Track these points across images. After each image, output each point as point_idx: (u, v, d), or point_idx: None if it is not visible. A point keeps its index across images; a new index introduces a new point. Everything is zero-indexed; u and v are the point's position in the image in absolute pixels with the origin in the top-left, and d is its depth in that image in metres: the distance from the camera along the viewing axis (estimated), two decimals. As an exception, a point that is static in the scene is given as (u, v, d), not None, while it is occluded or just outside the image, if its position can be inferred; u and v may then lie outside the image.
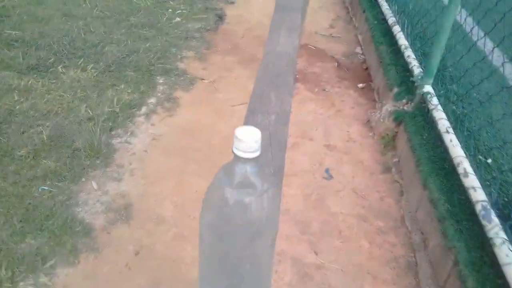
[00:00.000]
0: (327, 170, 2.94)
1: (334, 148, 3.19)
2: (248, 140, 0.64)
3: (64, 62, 3.49)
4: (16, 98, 2.99)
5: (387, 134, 3.25)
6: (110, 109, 3.08)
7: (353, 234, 2.53)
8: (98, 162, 2.65)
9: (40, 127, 2.80)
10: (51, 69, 3.37)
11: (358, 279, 2.29)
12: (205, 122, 3.20)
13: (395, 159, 3.05)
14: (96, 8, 4.41)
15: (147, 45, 3.95)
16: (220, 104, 3.41)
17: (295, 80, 3.57)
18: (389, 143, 3.21)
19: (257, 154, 0.66)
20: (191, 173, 2.70)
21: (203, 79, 3.70)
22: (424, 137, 2.87)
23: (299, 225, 2.52)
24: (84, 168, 2.59)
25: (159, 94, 3.38)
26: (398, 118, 3.19)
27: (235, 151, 0.65)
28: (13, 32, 3.66)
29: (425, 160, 2.67)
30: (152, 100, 3.31)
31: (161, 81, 3.54)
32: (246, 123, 1.47)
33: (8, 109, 2.89)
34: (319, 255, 2.38)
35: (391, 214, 2.70)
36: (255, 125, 1.50)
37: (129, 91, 3.31)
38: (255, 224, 0.69)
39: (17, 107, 2.93)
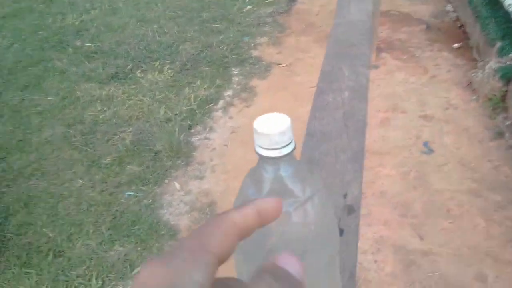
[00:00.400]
0: (426, 144, 2.61)
1: (432, 118, 2.83)
2: (272, 133, 0.43)
3: (142, 67, 3.51)
4: (99, 108, 3.05)
5: (495, 95, 2.82)
6: (187, 107, 3.02)
7: (465, 212, 2.19)
8: (179, 162, 2.60)
9: (123, 134, 2.82)
10: (130, 75, 3.41)
11: (475, 262, 1.97)
12: (283, 108, 3.01)
13: (508, 122, 2.63)
14: (168, 9, 4.42)
15: (220, 38, 3.86)
16: (298, 88, 3.20)
17: (373, 49, 3.26)
18: (497, 104, 2.78)
19: (288, 150, 0.45)
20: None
21: (278, 64, 3.52)
22: (541, 91, 2.42)
23: (399, 208, 2.25)
24: (167, 170, 2.55)
25: (235, 86, 3.27)
26: (506, 75, 2.74)
27: (257, 150, 0.45)
28: (92, 45, 3.78)
29: (545, 118, 2.24)
30: (229, 92, 3.21)
31: (236, 72, 3.43)
32: (314, 105, 1.27)
33: (93, 119, 2.95)
34: (425, 239, 2.09)
35: (509, 185, 2.31)
36: (326, 106, 1.30)
37: (205, 86, 3.23)
38: (298, 244, 0.50)
39: (101, 117, 2.98)
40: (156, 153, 2.65)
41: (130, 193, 2.40)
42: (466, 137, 2.64)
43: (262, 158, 0.45)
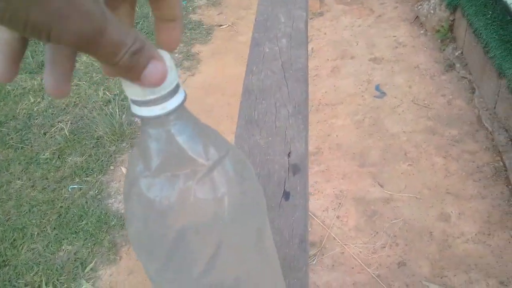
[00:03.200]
0: (377, 87, 2.51)
1: (382, 59, 2.72)
2: None
3: (75, 49, 3.27)
4: (32, 100, 2.83)
5: (442, 26, 2.72)
6: (127, 85, 2.83)
7: (422, 152, 2.12)
8: (123, 145, 2.43)
9: (61, 124, 2.62)
10: (63, 61, 3.16)
11: (437, 203, 1.91)
12: (230, 71, 2.86)
13: (457, 52, 2.54)
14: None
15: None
16: (244, 48, 3.03)
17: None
18: (446, 36, 2.69)
19: (176, 101, 0.31)
20: (227, 132, 2.40)
21: (220, 26, 3.33)
22: (489, 16, 2.31)
23: (356, 158, 2.16)
24: (111, 155, 2.38)
25: (176, 55, 3.08)
26: (452, 2, 2.63)
27: (132, 108, 0.31)
28: (18, 34, 3.50)
29: (495, 42, 2.15)
30: (170, 63, 3.02)
31: (176, 40, 3.22)
32: (250, 59, 1.13)
33: (27, 113, 2.73)
34: (385, 186, 2.01)
35: (464, 118, 2.24)
36: (262, 58, 1.16)
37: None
38: (211, 228, 0.37)
39: (35, 109, 2.76)
40: (98, 139, 2.48)
41: (74, 186, 2.24)
42: (418, 74, 2.55)
43: (142, 120, 0.31)
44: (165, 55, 0.30)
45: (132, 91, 0.29)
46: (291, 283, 0.68)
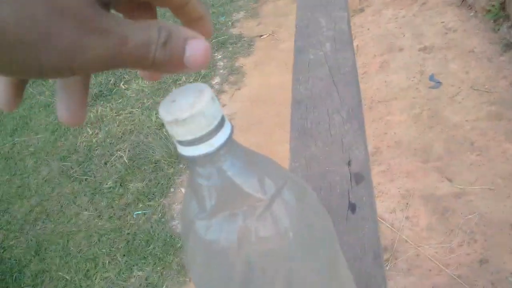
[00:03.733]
0: (431, 77, 2.40)
1: (432, 48, 2.61)
2: (183, 116, 0.27)
3: (124, 78, 3.37)
4: (90, 132, 2.93)
5: (493, 5, 2.57)
6: (177, 107, 2.87)
7: (490, 140, 2.00)
8: (180, 166, 2.46)
9: (119, 152, 2.70)
10: (114, 90, 3.27)
11: (515, 193, 1.78)
12: (275, 80, 2.84)
13: (514, 30, 2.39)
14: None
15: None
16: (286, 55, 3.01)
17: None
18: (498, 15, 2.54)
19: (223, 136, 0.29)
20: (280, 142, 2.38)
21: (261, 36, 3.32)
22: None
23: (418, 154, 2.06)
24: (170, 178, 2.41)
25: (221, 71, 3.10)
26: (500, -21, 2.49)
27: (179, 150, 0.29)
28: (70, 70, 3.65)
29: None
30: (216, 79, 3.04)
31: (219, 57, 3.25)
32: (295, 68, 1.11)
33: (87, 146, 2.83)
34: (455, 181, 1.91)
35: (531, 99, 2.10)
36: (308, 65, 1.13)
37: (191, 80, 3.07)
38: (279, 266, 0.34)
39: (94, 140, 2.86)
40: (155, 163, 2.52)
41: (138, 212, 2.29)
42: (473, 58, 2.42)
43: (187, 159, 0.29)
44: (205, 88, 0.28)
45: (176, 131, 0.27)
46: (368, 304, 0.64)
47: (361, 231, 0.71)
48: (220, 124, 0.27)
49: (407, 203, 1.89)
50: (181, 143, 0.27)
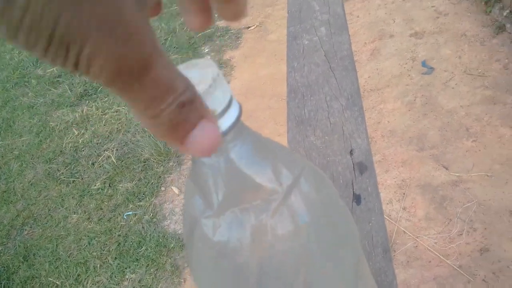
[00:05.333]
0: (424, 63, 2.35)
1: (423, 33, 2.56)
2: None
3: (110, 76, 3.28)
4: (76, 132, 2.85)
5: (483, -13, 2.52)
6: (165, 103, 2.80)
7: (486, 125, 1.95)
8: (171, 164, 2.40)
9: (107, 152, 2.63)
10: (99, 89, 3.19)
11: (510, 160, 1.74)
12: (265, 72, 2.77)
13: (506, 12, 2.34)
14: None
15: (181, 19, 3.59)
16: (275, 45, 2.95)
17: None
18: (489, -4, 2.49)
19: (231, 118, 0.24)
20: (272, 135, 2.32)
21: (248, 27, 3.25)
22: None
23: (413, 142, 2.02)
24: (160, 176, 2.35)
25: (208, 65, 3.03)
26: (490, -40, 2.43)
27: None
28: (54, 69, 3.54)
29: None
30: (204, 73, 2.97)
31: (206, 50, 3.18)
32: (289, 55, 1.06)
33: (73, 146, 2.76)
34: (451, 168, 1.86)
35: (526, 81, 2.05)
36: (302, 51, 1.07)
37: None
38: (297, 266, 0.29)
39: (80, 141, 2.78)
40: (145, 162, 2.46)
41: (129, 213, 2.22)
42: (465, 42, 2.37)
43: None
44: (213, 68, 0.23)
45: None
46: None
47: (367, 224, 0.67)
48: (227, 105, 0.23)
49: (404, 193, 1.84)
50: None
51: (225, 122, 0.23)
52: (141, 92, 0.17)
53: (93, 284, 1.97)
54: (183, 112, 0.18)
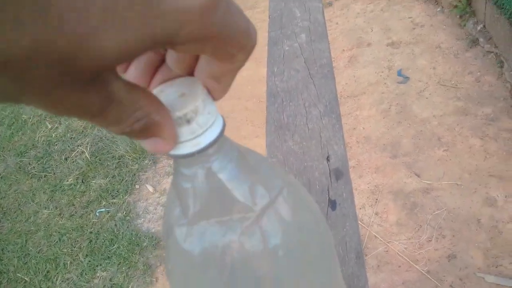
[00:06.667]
0: (399, 72, 2.41)
1: (400, 43, 2.62)
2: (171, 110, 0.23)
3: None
4: (49, 126, 2.80)
5: (459, 1, 2.60)
6: (142, 100, 2.78)
7: (457, 135, 2.01)
8: (146, 162, 2.38)
9: (81, 147, 2.59)
10: (75, 83, 3.13)
11: (481, 187, 1.80)
12: (243, 74, 2.77)
13: (479, 26, 2.42)
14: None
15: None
16: (255, 49, 2.96)
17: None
18: (464, 10, 2.57)
19: (212, 134, 0.25)
20: (249, 137, 2.33)
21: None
22: (507, -16, 2.20)
23: (387, 149, 2.06)
24: (135, 174, 2.33)
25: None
26: (466, -25, 2.51)
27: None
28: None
29: (518, 11, 2.03)
30: (182, 72, 2.96)
31: (185, 49, 3.16)
32: (269, 60, 1.07)
33: (46, 140, 2.71)
34: (423, 176, 1.91)
35: (496, 94, 2.13)
36: (283, 57, 1.08)
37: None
38: (265, 282, 0.30)
39: (54, 135, 2.73)
40: (119, 158, 2.43)
41: (101, 209, 2.20)
42: (440, 54, 2.44)
43: (172, 158, 0.25)
44: (199, 90, 0.24)
45: None
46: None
47: (342, 229, 0.69)
48: (209, 121, 0.24)
49: (377, 199, 1.88)
50: None
51: (208, 136, 0.24)
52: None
53: (62, 281, 1.94)
54: (135, 127, 0.20)
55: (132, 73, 0.24)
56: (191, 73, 0.24)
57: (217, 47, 0.19)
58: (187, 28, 0.17)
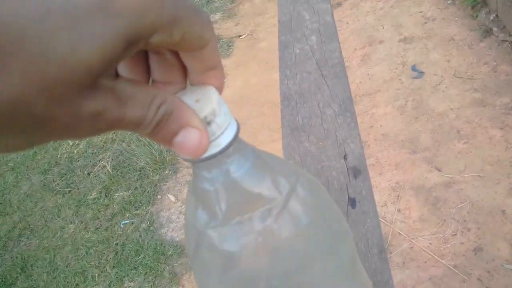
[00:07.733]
0: (413, 67, 2.40)
1: (412, 38, 2.61)
2: None
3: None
4: (70, 143, 2.86)
5: (470, -8, 2.58)
6: (159, 112, 2.82)
7: (476, 127, 1.99)
8: (166, 172, 2.41)
9: (102, 162, 2.63)
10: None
11: (503, 178, 1.78)
12: (257, 80, 2.80)
13: (492, 16, 2.39)
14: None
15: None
16: (266, 54, 2.98)
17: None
18: (476, 1, 2.54)
19: (228, 136, 0.27)
20: (266, 142, 2.34)
21: (239, 36, 3.28)
22: (518, -29, 2.18)
23: (406, 145, 2.05)
24: (156, 184, 2.36)
25: (201, 73, 3.05)
26: (475, -34, 2.49)
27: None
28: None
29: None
30: (197, 82, 3.00)
31: (199, 59, 3.20)
32: (281, 64, 1.08)
33: (68, 157, 2.76)
34: (444, 170, 1.90)
35: (514, 83, 2.10)
36: (294, 60, 1.10)
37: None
38: (300, 266, 0.31)
39: (75, 151, 2.79)
40: (140, 170, 2.47)
41: (125, 221, 2.23)
42: (454, 46, 2.42)
43: (192, 164, 0.27)
44: (212, 93, 0.25)
45: None
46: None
47: (363, 226, 0.69)
48: (225, 125, 0.25)
49: (398, 196, 1.87)
50: None
51: (225, 138, 0.25)
52: (121, 129, 0.20)
53: (92, 293, 1.97)
54: (159, 128, 0.20)
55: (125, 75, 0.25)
56: (184, 80, 0.25)
57: (183, 30, 0.20)
58: (148, 19, 0.18)
